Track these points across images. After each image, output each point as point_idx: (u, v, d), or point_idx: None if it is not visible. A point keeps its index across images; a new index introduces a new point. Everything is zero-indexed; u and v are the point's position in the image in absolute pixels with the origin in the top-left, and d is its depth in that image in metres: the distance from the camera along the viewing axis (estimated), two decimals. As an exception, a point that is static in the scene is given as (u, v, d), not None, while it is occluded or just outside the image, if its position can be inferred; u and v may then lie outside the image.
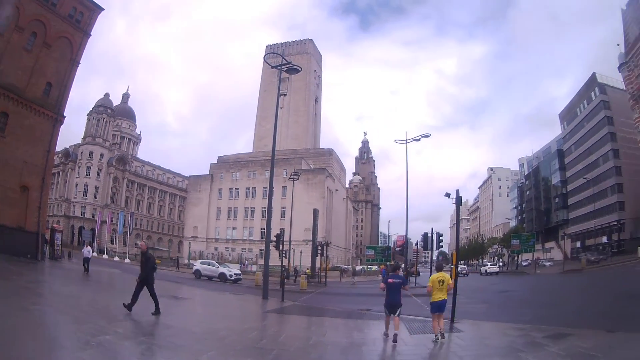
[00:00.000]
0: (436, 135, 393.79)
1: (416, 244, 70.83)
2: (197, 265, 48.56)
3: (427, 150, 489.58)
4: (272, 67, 34.03)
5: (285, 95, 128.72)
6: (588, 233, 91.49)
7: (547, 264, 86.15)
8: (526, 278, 57.36)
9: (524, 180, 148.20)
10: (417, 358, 11.39)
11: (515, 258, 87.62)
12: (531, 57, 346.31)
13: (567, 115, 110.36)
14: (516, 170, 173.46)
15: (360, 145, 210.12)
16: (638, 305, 20.51)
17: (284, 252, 46.48)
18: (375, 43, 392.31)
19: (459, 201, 20.71)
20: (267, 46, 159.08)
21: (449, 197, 25.85)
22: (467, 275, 73.39)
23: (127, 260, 70.84)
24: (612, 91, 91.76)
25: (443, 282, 13.29)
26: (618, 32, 79.25)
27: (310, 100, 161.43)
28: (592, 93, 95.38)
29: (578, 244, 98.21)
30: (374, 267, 71.21)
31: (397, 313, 13.13)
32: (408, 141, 42.74)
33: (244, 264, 71.33)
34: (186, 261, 75.04)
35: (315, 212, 70.61)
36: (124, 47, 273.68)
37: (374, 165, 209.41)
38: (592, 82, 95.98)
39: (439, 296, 13.26)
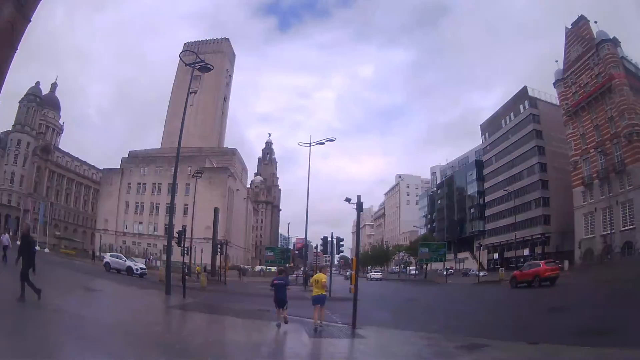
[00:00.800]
0: (344, 140, 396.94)
1: (316, 247, 68.30)
2: (107, 258, 49.69)
3: (335, 155, 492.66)
4: (186, 65, 34.09)
5: (196, 93, 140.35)
6: (508, 245, 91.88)
7: (470, 272, 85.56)
8: (436, 287, 57.28)
9: (435, 189, 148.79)
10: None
11: (424, 267, 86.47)
12: (458, 67, 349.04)
13: (490, 126, 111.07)
14: (427, 179, 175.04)
15: (264, 146, 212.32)
16: (561, 318, 19.75)
17: (186, 249, 46.34)
18: (291, 45, 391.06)
19: (359, 207, 20.74)
20: (185, 43, 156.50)
21: (349, 202, 25.73)
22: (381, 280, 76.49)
23: (46, 250, 68.34)
24: (544, 105, 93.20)
25: (318, 281, 16.23)
26: (557, 48, 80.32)
27: (219, 99, 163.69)
28: (522, 106, 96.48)
29: (495, 256, 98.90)
30: (273, 269, 70.12)
31: (285, 307, 15.94)
32: (312, 144, 43.70)
33: (149, 259, 74.89)
34: (98, 253, 73.86)
35: (216, 210, 69.80)
36: (59, 35, 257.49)
37: (276, 166, 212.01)
38: (522, 95, 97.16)
39: (317, 292, 16.07)
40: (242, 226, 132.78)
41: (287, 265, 56.81)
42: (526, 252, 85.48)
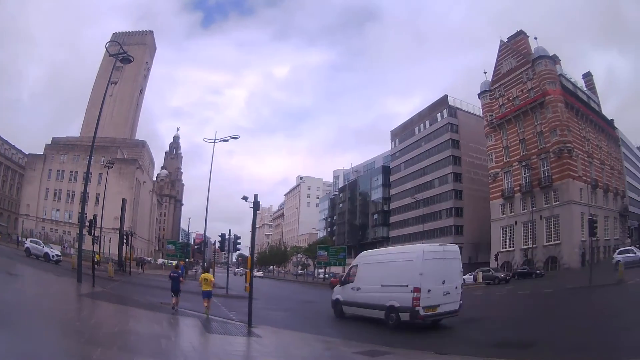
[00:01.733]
0: (251, 139, 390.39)
1: (214, 243, 67.59)
2: (28, 243, 49.82)
3: (240, 153, 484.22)
4: (110, 55, 33.52)
5: (116, 84, 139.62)
6: None
7: None
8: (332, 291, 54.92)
9: (337, 192, 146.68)
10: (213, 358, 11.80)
11: (324, 269, 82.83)
12: (377, 72, 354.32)
13: (402, 133, 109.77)
14: (329, 182, 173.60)
15: (171, 140, 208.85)
16: (475, 329, 19.16)
17: (96, 238, 44.79)
18: (211, 42, 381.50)
19: (256, 205, 20.97)
20: (113, 34, 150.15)
21: (246, 201, 26.74)
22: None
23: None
24: (464, 115, 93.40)
25: (207, 279, 19.78)
26: (488, 61, 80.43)
27: (136, 91, 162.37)
28: (439, 114, 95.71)
29: None
30: (174, 262, 66.41)
31: (178, 295, 20.24)
32: (216, 141, 44.16)
33: (64, 246, 73.60)
34: (21, 239, 71.41)
35: (124, 202, 67.23)
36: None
37: (182, 161, 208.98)
38: (441, 103, 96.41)
39: (205, 288, 19.52)
40: (147, 219, 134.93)
41: (186, 259, 57.76)
42: None
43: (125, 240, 58.10)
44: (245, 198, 27.64)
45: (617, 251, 48.01)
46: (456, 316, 19.45)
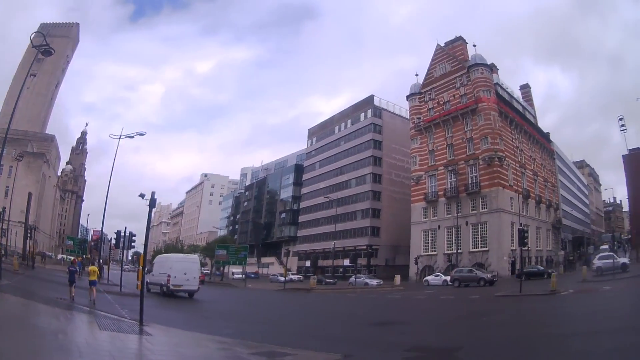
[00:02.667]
0: (160, 136, 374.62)
1: (110, 240, 66.09)
2: None
3: (147, 150, 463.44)
4: (33, 47, 33.13)
5: (35, 76, 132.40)
6: (324, 253, 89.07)
7: (295, 277, 76.92)
8: (234, 290, 54.26)
9: (243, 190, 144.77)
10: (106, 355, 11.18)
11: (222, 269, 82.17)
12: (306, 71, 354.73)
13: (320, 132, 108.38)
14: (235, 180, 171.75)
15: (79, 135, 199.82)
16: (382, 332, 19.03)
17: (3, 231, 46.99)
18: (137, 36, 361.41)
19: (152, 203, 20.63)
20: (40, 24, 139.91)
21: (143, 198, 26.62)
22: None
23: None
24: (390, 117, 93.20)
25: (94, 271, 25.49)
26: (424, 65, 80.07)
27: (52, 84, 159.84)
28: (363, 114, 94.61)
29: (307, 263, 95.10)
30: (72, 258, 62.28)
31: (74, 285, 24.17)
32: (122, 137, 43.95)
33: None
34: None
35: (30, 195, 68.32)
36: None
37: (87, 157, 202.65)
38: (366, 103, 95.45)
39: (92, 278, 24.50)
40: (49, 214, 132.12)
41: (84, 255, 58.58)
42: (346, 262, 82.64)
43: (29, 235, 58.26)
44: (142, 195, 27.52)
45: (597, 256, 47.95)
46: (197, 291, 34.04)
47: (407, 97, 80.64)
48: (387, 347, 14.69)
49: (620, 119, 76.72)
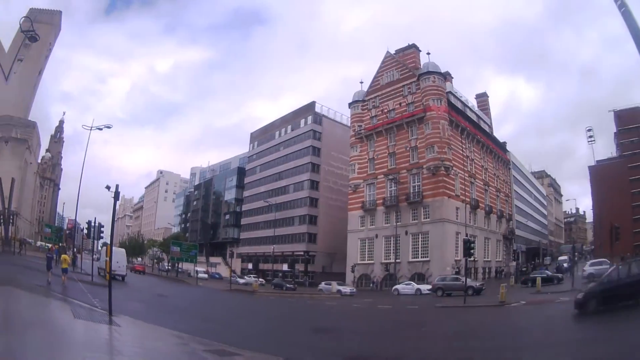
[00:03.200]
0: (125, 130, 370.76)
1: (83, 230, 63.49)
2: None
3: (115, 143, 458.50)
4: (22, 31, 33.06)
5: (21, 61, 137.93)
6: (264, 257, 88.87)
7: (241, 281, 75.02)
8: (186, 287, 55.74)
9: (193, 189, 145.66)
10: (80, 346, 11.78)
11: (176, 265, 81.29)
12: (253, 75, 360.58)
13: (262, 136, 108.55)
14: (187, 178, 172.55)
15: (57, 124, 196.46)
16: (323, 338, 19.29)
17: None
18: (110, 29, 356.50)
19: (116, 196, 21.89)
20: (30, 9, 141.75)
21: (108, 190, 26.83)
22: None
23: None
24: (330, 124, 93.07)
25: (65, 259, 30.02)
26: (371, 71, 77.96)
27: (36, 71, 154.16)
28: (303, 120, 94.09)
29: (250, 265, 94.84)
30: (50, 245, 65.67)
31: (50, 270, 28.64)
32: (92, 128, 44.84)
33: None
34: None
35: (13, 181, 72.53)
36: None
37: (63, 146, 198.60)
38: (307, 109, 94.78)
39: (64, 266, 29.02)
40: (30, 200, 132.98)
41: (60, 244, 59.14)
42: (285, 267, 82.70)
43: (11, 221, 62.23)
44: (108, 187, 27.22)
45: (589, 263, 47.23)
46: (125, 276, 44.21)
47: (350, 104, 79.04)
48: (327, 353, 15.27)
49: (589, 130, 75.67)
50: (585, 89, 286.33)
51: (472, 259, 46.04)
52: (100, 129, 44.64)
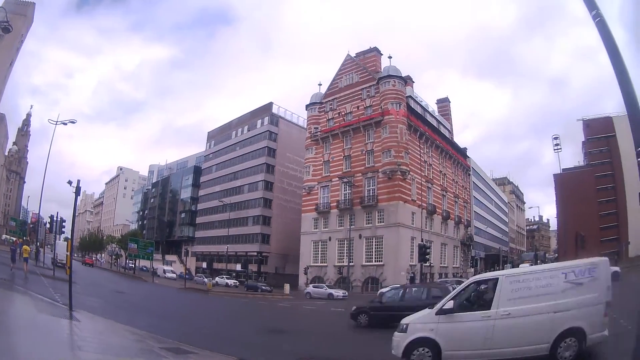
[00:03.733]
0: (88, 125, 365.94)
1: (45, 224, 69.36)
2: None
3: (80, 138, 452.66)
4: None
5: None
6: (218, 256, 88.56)
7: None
8: (143, 284, 57.39)
9: (150, 187, 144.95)
10: (42, 340, 11.71)
11: (134, 262, 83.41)
12: (214, 75, 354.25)
13: (218, 135, 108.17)
14: (145, 176, 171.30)
15: (25, 116, 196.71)
16: (276, 339, 19.50)
17: None
18: (80, 23, 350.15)
19: (77, 191, 21.54)
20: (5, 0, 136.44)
21: (70, 185, 27.50)
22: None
23: None
24: (286, 125, 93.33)
25: (26, 250, 32.73)
26: (330, 74, 77.51)
27: (7, 63, 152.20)
28: (260, 121, 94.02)
29: (204, 265, 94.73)
30: (14, 238, 66.70)
31: (14, 262, 30.56)
32: (58, 123, 44.94)
33: None
34: None
35: None
36: None
37: (30, 139, 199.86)
38: (264, 110, 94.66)
39: (25, 255, 31.50)
40: None
41: (24, 237, 57.18)
42: (238, 267, 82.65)
43: None
44: (69, 182, 28.33)
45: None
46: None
47: (307, 106, 78.19)
48: (279, 354, 15.58)
49: (555, 138, 75.68)
50: (555, 98, 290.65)
51: (427, 264, 46.07)
52: (65, 124, 44.47)
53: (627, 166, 74.01)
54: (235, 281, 72.05)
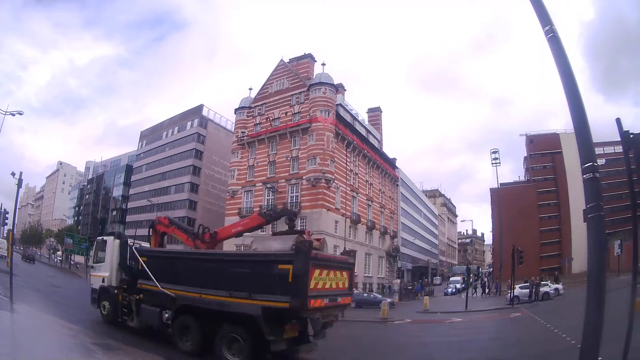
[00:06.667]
0: (36, 119, 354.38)
1: None
2: None
3: (30, 131, 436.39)
4: None
5: None
6: None
7: None
8: (77, 279, 55.32)
9: (86, 183, 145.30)
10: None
11: (70, 257, 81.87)
12: (159, 76, 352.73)
13: (150, 135, 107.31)
14: (82, 172, 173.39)
15: None
16: None
17: None
18: (38, 16, 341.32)
19: (20, 183, 23.34)
20: None
21: (13, 177, 27.88)
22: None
23: None
24: (215, 128, 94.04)
25: None
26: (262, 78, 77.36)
27: None
28: (190, 123, 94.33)
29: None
30: None
31: None
32: (6, 114, 41.53)
33: None
34: None
35: None
36: None
37: None
38: (195, 112, 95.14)
39: None
40: None
41: None
42: None
43: None
44: (13, 174, 28.87)
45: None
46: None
47: (236, 110, 77.21)
48: None
49: (494, 152, 76.84)
50: (497, 116, 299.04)
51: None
52: (13, 115, 41.56)
53: (572, 183, 76.45)
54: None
